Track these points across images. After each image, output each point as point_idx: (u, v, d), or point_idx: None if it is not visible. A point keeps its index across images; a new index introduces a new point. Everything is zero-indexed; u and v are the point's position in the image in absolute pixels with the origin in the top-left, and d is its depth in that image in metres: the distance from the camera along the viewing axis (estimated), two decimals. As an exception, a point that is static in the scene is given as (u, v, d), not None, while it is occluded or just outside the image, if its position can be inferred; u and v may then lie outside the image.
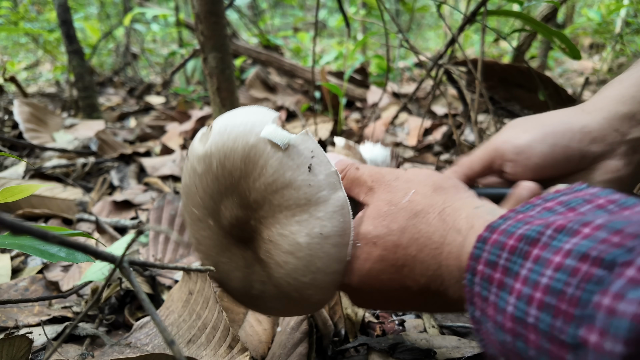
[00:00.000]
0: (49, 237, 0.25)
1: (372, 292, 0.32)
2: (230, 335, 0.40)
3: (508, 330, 0.21)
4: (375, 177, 0.34)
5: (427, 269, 0.29)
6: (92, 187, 0.98)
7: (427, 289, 0.29)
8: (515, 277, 0.21)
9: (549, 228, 0.21)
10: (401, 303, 0.33)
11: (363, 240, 0.31)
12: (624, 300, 0.16)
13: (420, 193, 0.31)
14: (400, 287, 0.30)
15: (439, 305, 0.32)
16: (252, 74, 1.81)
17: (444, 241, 0.28)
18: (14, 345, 0.42)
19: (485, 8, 0.68)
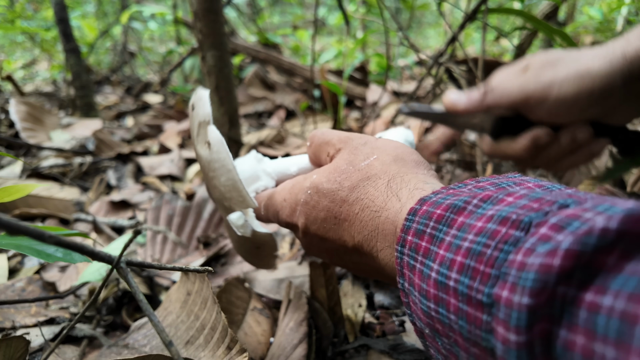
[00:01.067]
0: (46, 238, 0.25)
1: (314, 238, 0.34)
2: (229, 336, 0.40)
3: (432, 296, 0.21)
4: (343, 139, 0.36)
5: (364, 228, 0.30)
6: (89, 186, 0.97)
7: (360, 247, 0.31)
8: (440, 244, 0.22)
9: (475, 198, 0.22)
10: (338, 257, 0.35)
11: (314, 189, 0.33)
12: (534, 254, 0.16)
13: (380, 160, 0.32)
14: (338, 238, 0.32)
15: (368, 268, 0.33)
16: (251, 73, 1.80)
17: (384, 206, 0.29)
18: (10, 346, 0.42)
19: (486, 6, 0.67)
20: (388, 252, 0.28)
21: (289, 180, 0.39)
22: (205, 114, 0.39)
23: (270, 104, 1.72)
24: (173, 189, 0.95)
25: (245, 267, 0.61)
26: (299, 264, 0.60)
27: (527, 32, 1.00)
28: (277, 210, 0.38)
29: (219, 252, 0.64)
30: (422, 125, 1.10)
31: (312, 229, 0.34)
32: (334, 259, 0.36)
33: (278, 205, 0.37)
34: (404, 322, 0.50)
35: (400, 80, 2.38)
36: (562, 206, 0.18)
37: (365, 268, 0.33)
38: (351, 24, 1.77)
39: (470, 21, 0.71)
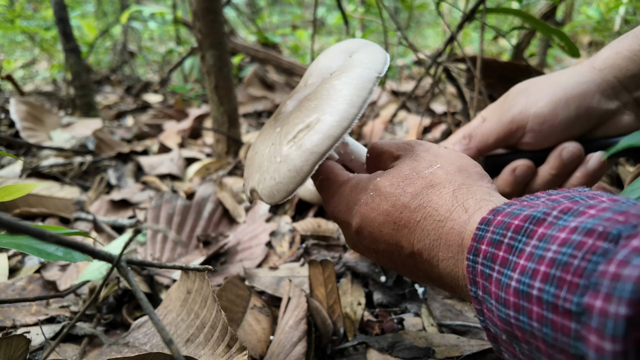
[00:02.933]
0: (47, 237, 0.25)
1: (367, 239, 0.34)
2: (229, 334, 0.40)
3: (511, 304, 0.21)
4: (402, 147, 0.37)
5: (426, 237, 0.29)
6: (89, 186, 0.97)
7: (419, 255, 0.30)
8: (519, 254, 0.22)
9: (554, 209, 0.22)
10: (389, 259, 0.34)
11: (376, 192, 0.33)
12: (629, 265, 0.16)
13: (444, 169, 0.32)
14: (394, 244, 0.32)
15: (424, 275, 0.32)
16: (250, 72, 1.80)
17: (449, 216, 0.29)
18: (11, 344, 0.42)
19: (485, 5, 0.67)
20: (451, 262, 0.28)
21: (352, 176, 0.38)
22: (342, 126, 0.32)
23: (269, 103, 1.72)
24: (173, 188, 0.95)
25: (245, 265, 0.62)
26: (301, 265, 0.60)
27: (525, 31, 1.00)
28: (334, 201, 0.37)
29: (219, 250, 0.64)
30: (421, 125, 1.11)
31: (366, 230, 0.33)
32: (384, 260, 0.35)
33: (337, 196, 0.37)
34: (402, 320, 0.50)
35: (399, 80, 2.38)
36: None
37: (419, 274, 0.33)
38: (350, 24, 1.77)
39: (468, 21, 0.71)
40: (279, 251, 0.66)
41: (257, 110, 1.69)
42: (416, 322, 0.50)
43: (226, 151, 1.10)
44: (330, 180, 0.39)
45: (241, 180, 0.96)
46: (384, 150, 0.38)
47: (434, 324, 0.49)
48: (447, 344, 0.45)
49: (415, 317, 0.51)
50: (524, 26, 0.75)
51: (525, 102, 0.44)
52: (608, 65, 0.41)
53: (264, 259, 0.63)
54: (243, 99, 1.72)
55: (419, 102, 1.81)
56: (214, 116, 1.07)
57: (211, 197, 0.77)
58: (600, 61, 0.42)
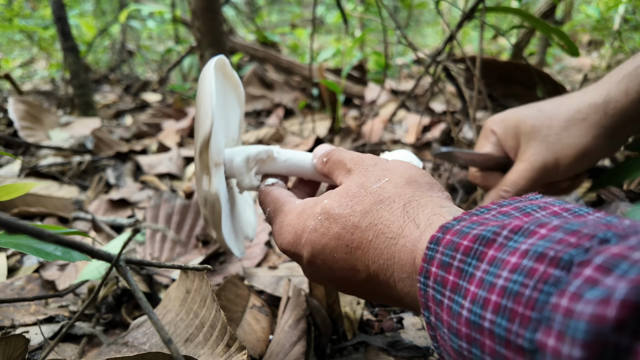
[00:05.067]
0: (45, 236, 0.25)
1: (322, 268, 0.32)
2: (228, 333, 0.40)
3: (463, 335, 0.20)
4: (356, 160, 0.35)
5: (380, 257, 0.28)
6: (88, 185, 0.97)
7: (375, 276, 0.29)
8: (470, 280, 0.21)
9: (504, 229, 0.21)
10: (349, 285, 0.33)
11: (324, 215, 0.31)
12: (582, 300, 0.15)
13: (393, 182, 0.31)
14: (350, 268, 0.30)
15: (385, 297, 0.31)
16: (249, 71, 1.80)
17: (401, 232, 0.27)
18: (10, 344, 0.42)
19: (484, 4, 0.67)
20: (407, 282, 0.26)
21: (299, 202, 0.36)
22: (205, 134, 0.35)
23: (268, 103, 1.72)
24: (172, 187, 0.95)
25: (244, 264, 0.61)
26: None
27: (525, 30, 1.00)
28: (282, 233, 0.35)
29: (218, 250, 0.64)
30: (420, 124, 1.11)
31: (319, 259, 0.31)
32: (344, 287, 0.33)
33: (284, 227, 0.35)
34: (402, 319, 0.50)
35: (398, 79, 2.38)
36: (602, 241, 0.17)
37: (382, 297, 0.31)
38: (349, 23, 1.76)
39: (468, 20, 0.71)
40: (278, 250, 0.66)
41: (256, 109, 1.69)
42: (416, 322, 0.50)
43: (225, 150, 1.10)
44: (276, 210, 0.37)
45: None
46: (340, 159, 0.36)
47: (434, 323, 0.49)
48: (446, 343, 0.45)
49: (415, 316, 0.51)
50: (524, 25, 0.75)
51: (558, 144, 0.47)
52: (618, 110, 0.44)
53: (263, 259, 0.63)
54: (242, 98, 1.71)
55: (418, 101, 1.81)
56: (213, 115, 1.07)
57: (210, 197, 0.77)
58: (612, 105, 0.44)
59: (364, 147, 1.05)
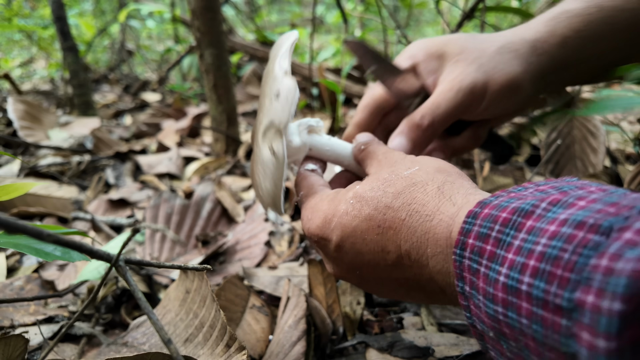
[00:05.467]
0: (45, 236, 0.25)
1: (349, 253, 0.32)
2: (228, 334, 0.40)
3: (499, 300, 0.21)
4: (387, 153, 0.36)
5: (413, 235, 0.28)
6: (87, 185, 0.97)
7: (407, 256, 0.29)
8: (508, 248, 0.21)
9: (543, 201, 0.21)
10: (375, 274, 0.32)
11: (356, 198, 0.32)
12: (622, 259, 0.16)
13: (423, 170, 0.32)
14: (380, 250, 0.30)
15: (412, 281, 0.30)
16: (249, 71, 1.80)
17: (437, 210, 0.28)
18: (9, 344, 0.42)
19: (484, 4, 0.67)
20: (440, 257, 0.27)
21: (332, 191, 0.37)
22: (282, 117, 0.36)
23: (268, 103, 1.72)
24: (171, 187, 0.95)
25: (244, 264, 0.61)
26: (300, 265, 0.60)
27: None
28: (312, 217, 0.35)
29: (218, 250, 0.64)
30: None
31: (348, 242, 0.32)
32: (369, 278, 0.33)
33: (314, 212, 0.35)
34: (402, 319, 0.50)
35: (398, 79, 2.37)
36: None
37: (408, 284, 0.31)
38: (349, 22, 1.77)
39: (468, 19, 0.71)
40: (278, 250, 0.65)
41: (256, 108, 1.69)
42: (415, 321, 0.50)
43: (225, 150, 1.10)
44: (308, 195, 0.38)
45: (240, 179, 0.95)
46: (374, 151, 0.38)
47: (434, 323, 0.49)
48: (446, 343, 0.45)
49: (415, 316, 0.51)
50: (524, 25, 0.74)
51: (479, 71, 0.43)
52: (545, 50, 0.42)
53: (263, 259, 0.63)
54: (242, 97, 1.71)
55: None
56: (212, 115, 1.07)
57: (210, 197, 0.76)
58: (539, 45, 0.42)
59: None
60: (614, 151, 0.88)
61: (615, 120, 1.22)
